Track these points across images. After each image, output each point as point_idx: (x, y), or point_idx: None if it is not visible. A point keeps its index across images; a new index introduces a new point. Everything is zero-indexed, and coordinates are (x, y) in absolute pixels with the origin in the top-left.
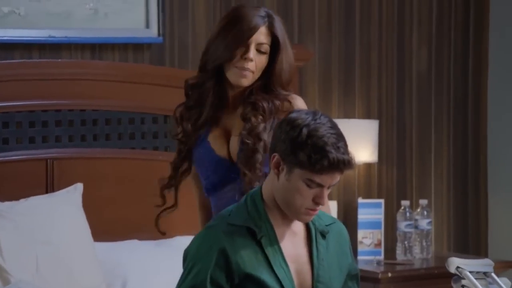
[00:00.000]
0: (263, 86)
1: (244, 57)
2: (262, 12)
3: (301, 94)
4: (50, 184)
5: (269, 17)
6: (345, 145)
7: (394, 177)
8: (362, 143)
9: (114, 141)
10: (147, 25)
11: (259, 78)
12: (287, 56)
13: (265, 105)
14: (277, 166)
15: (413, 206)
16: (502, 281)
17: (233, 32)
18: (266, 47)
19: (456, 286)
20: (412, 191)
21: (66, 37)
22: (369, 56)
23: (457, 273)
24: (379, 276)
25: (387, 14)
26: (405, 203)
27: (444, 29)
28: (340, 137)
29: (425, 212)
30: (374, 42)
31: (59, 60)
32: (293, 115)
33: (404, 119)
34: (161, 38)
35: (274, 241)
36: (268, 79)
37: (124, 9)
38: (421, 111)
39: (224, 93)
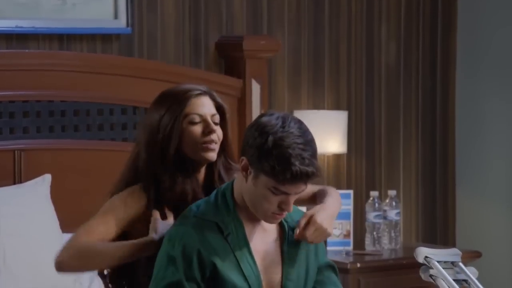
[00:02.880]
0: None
1: (207, 131)
2: (198, 86)
3: (270, 85)
4: (18, 175)
5: (205, 89)
6: (312, 155)
7: (363, 168)
8: (331, 134)
9: (83, 132)
10: (116, 16)
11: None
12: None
13: None
14: (245, 169)
15: (381, 197)
16: (469, 271)
17: (172, 105)
18: (218, 118)
19: (424, 275)
20: (380, 182)
21: (33, 27)
22: (338, 48)
23: (425, 262)
24: (348, 266)
25: (356, 7)
26: (374, 194)
27: (412, 22)
28: (307, 145)
29: (394, 203)
30: (343, 35)
31: (27, 50)
32: (264, 119)
33: (373, 110)
34: (129, 28)
35: (242, 238)
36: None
37: None
38: (389, 103)
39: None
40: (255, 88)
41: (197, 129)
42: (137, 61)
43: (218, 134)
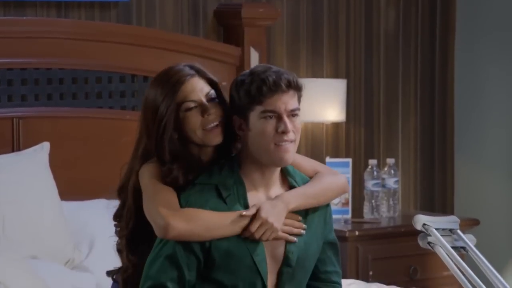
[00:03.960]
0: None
1: (207, 114)
2: (186, 70)
3: (269, 54)
4: (16, 143)
5: (192, 67)
6: (289, 73)
7: (361, 137)
8: (330, 102)
9: (81, 100)
10: None
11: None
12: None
13: None
14: (240, 127)
15: (380, 165)
16: (467, 238)
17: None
18: (214, 93)
19: (423, 243)
20: (379, 150)
21: None
22: (337, 16)
23: (424, 230)
24: (347, 234)
25: None
26: (372, 162)
27: None
28: (281, 69)
29: (392, 171)
30: (342, 2)
31: (24, 18)
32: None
33: (371, 78)
34: None
35: (242, 197)
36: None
37: None
38: (388, 71)
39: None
40: (254, 56)
41: (195, 114)
42: (135, 28)
43: (217, 113)
